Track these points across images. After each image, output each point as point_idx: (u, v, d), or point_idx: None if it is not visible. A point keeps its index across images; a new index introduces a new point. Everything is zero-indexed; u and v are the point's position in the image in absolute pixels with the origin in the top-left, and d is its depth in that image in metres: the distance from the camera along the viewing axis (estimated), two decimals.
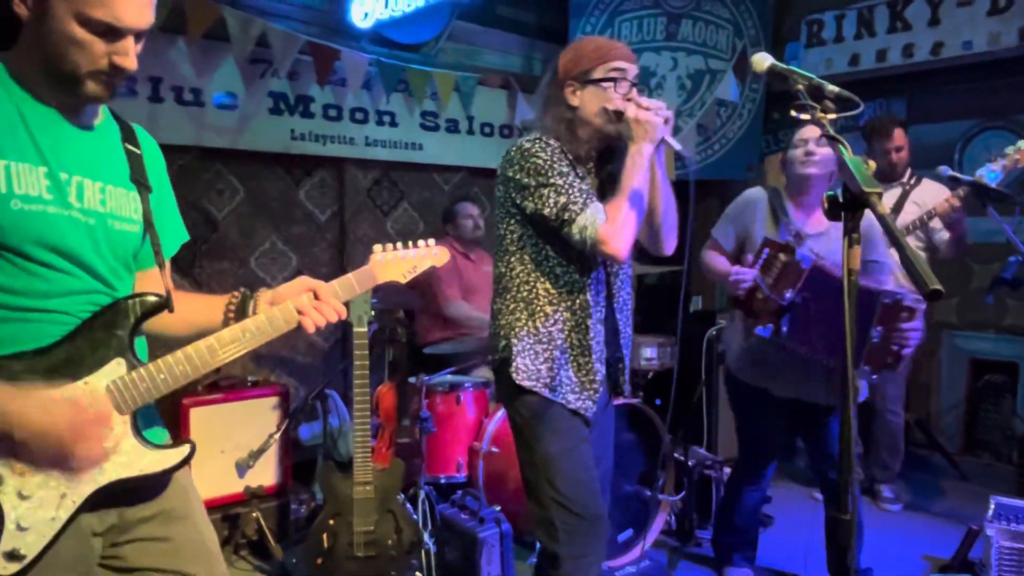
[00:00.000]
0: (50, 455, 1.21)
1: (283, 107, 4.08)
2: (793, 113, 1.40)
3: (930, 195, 3.63)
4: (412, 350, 3.96)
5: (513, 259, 2.05)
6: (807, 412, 2.78)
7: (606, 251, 1.89)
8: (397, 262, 1.62)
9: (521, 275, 2.04)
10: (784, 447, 3.05)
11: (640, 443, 3.30)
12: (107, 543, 1.37)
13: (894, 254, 2.75)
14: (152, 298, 1.38)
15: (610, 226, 1.87)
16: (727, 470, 3.88)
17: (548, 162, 1.92)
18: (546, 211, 1.92)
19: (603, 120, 1.97)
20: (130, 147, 1.42)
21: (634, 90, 1.97)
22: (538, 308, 2.01)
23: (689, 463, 3.46)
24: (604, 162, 2.07)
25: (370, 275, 1.58)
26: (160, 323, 1.44)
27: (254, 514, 3.13)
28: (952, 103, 4.82)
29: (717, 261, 2.85)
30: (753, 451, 2.96)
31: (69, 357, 1.28)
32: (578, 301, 2.02)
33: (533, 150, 1.94)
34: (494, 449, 3.29)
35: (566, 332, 2.02)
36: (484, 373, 3.82)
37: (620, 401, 3.24)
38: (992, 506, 3.08)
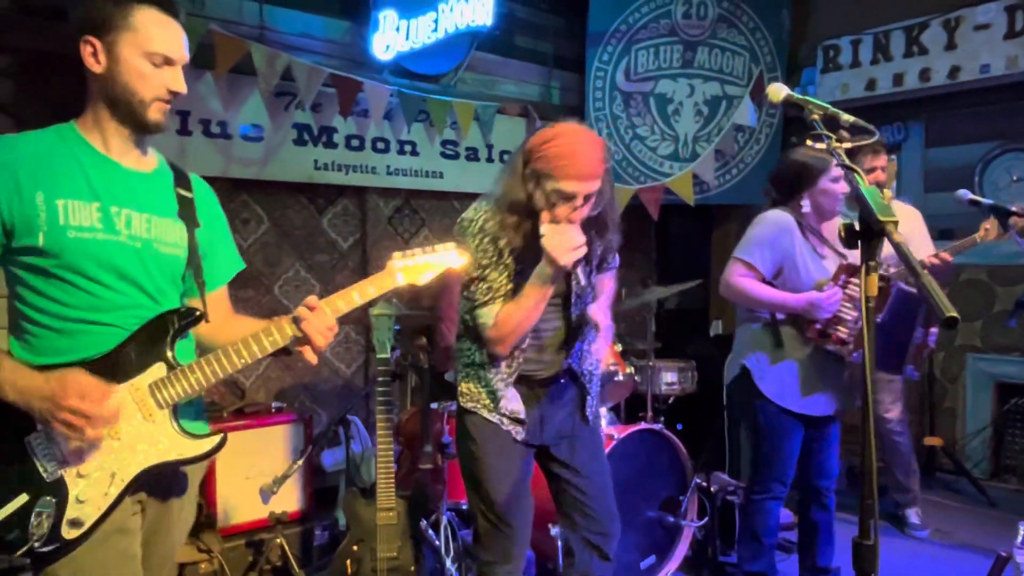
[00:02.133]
0: (60, 411, 1.42)
1: (307, 138, 4.16)
2: (809, 143, 1.42)
3: (905, 222, 3.60)
4: (434, 376, 3.99)
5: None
6: (815, 423, 2.85)
7: (488, 347, 2.15)
8: (415, 266, 1.73)
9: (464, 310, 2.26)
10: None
11: (662, 468, 3.29)
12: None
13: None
14: (188, 311, 1.64)
15: (495, 332, 2.10)
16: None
17: (475, 252, 2.09)
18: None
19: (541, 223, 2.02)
20: (181, 191, 1.71)
21: (574, 212, 1.99)
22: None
23: (712, 488, 3.45)
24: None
25: (387, 280, 1.71)
26: (212, 338, 1.74)
27: (278, 540, 3.15)
28: (971, 126, 4.81)
29: (762, 289, 2.75)
30: (780, 467, 2.87)
31: (119, 363, 1.54)
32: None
33: (468, 234, 2.11)
34: None
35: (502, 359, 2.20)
36: None
37: (642, 426, 3.24)
38: (1021, 532, 3.02)
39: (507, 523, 2.22)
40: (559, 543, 2.93)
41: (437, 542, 2.99)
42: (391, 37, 4.21)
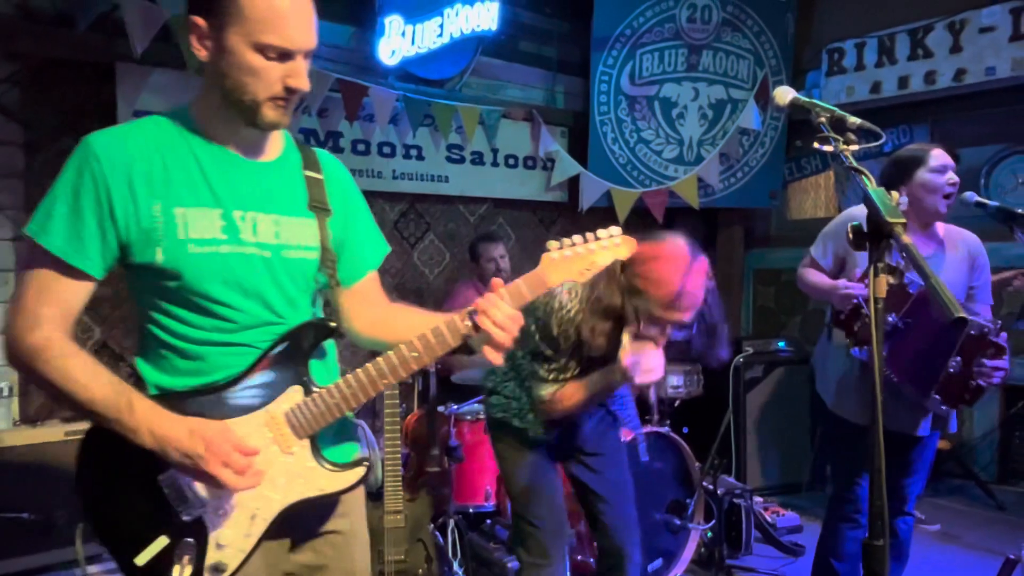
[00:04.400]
0: (199, 474, 1.28)
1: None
2: (816, 145, 1.43)
3: None
4: (440, 379, 4.00)
5: None
6: (894, 444, 2.54)
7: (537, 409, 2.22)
8: (574, 259, 1.44)
9: None
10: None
11: (668, 472, 3.29)
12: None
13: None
14: (323, 324, 1.45)
15: (548, 406, 2.16)
16: (757, 499, 3.85)
17: (556, 336, 2.10)
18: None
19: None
20: (310, 174, 1.48)
21: (662, 337, 1.99)
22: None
23: (718, 492, 3.45)
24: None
25: (540, 278, 1.42)
26: (373, 333, 1.54)
27: None
28: (977, 129, 4.81)
29: (818, 276, 2.67)
30: (845, 485, 2.65)
31: (251, 388, 1.37)
32: None
33: (556, 317, 2.08)
34: None
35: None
36: None
37: (649, 429, 3.25)
38: None
39: (539, 519, 2.30)
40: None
41: (444, 545, 2.99)
42: (397, 42, 4.23)
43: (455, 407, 3.41)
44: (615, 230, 1.47)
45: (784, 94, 1.62)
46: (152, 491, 1.32)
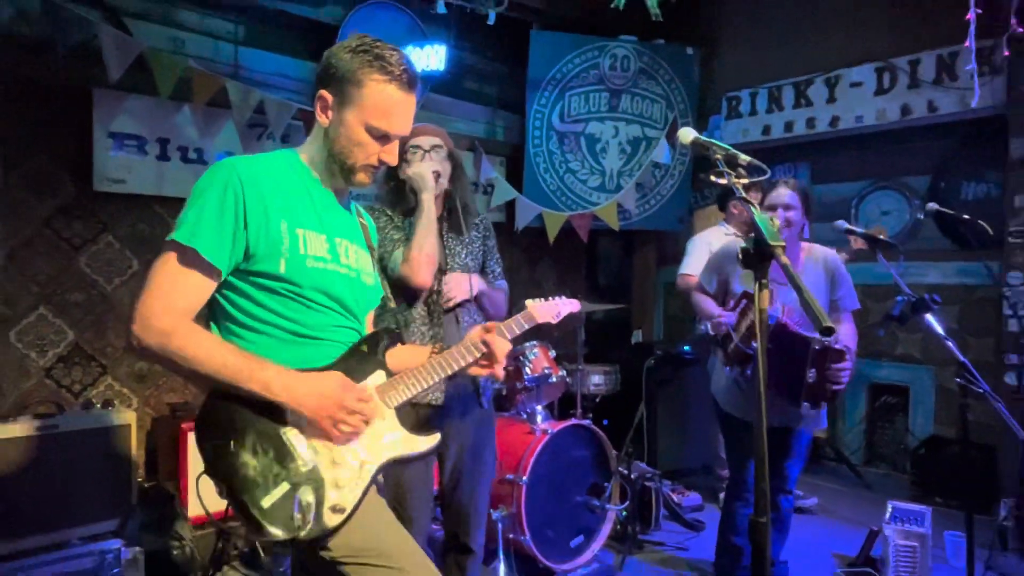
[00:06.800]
0: (325, 417, 1.38)
1: None
2: (712, 178, 1.47)
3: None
4: None
5: None
6: (776, 435, 2.67)
7: (410, 283, 2.16)
8: (546, 307, 2.03)
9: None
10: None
11: (589, 459, 3.32)
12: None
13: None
14: (395, 332, 1.65)
15: (407, 267, 2.15)
16: (666, 482, 3.92)
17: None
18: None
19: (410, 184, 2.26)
20: (362, 220, 1.69)
21: (423, 154, 2.28)
22: None
23: (632, 476, 3.49)
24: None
25: (530, 315, 1.97)
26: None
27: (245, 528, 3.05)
28: (849, 167, 5.03)
29: (706, 302, 2.79)
30: (738, 471, 2.75)
31: (347, 370, 1.48)
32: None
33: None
34: None
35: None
36: None
37: (573, 422, 3.27)
38: (889, 510, 3.17)
39: (405, 508, 2.17)
40: (499, 526, 2.92)
41: None
42: None
43: None
44: (563, 297, 2.09)
45: (687, 134, 1.65)
46: (273, 444, 1.37)
